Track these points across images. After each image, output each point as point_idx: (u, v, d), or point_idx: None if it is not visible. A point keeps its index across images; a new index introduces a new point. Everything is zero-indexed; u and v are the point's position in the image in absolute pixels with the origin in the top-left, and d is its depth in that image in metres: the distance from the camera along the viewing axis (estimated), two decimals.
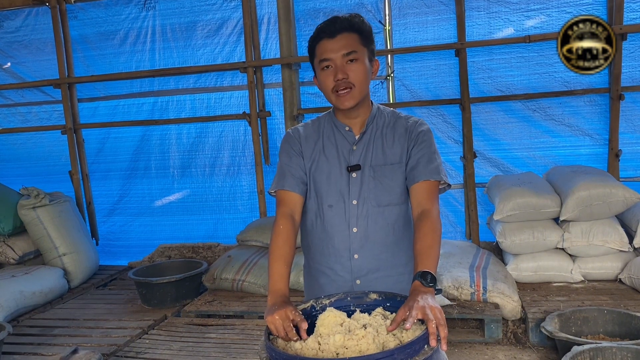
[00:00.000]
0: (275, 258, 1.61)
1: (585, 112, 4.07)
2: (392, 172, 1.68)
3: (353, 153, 1.71)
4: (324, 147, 1.73)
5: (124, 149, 4.98)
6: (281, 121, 4.52)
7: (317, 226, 1.73)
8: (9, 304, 3.61)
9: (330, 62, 1.62)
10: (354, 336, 1.33)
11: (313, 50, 1.68)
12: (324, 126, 1.77)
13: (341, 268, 1.71)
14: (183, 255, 4.75)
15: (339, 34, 1.61)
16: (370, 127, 1.72)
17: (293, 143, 1.76)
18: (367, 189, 1.68)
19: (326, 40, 1.62)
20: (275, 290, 1.54)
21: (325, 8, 4.37)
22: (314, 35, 1.66)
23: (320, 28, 1.65)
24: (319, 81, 1.69)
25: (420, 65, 4.27)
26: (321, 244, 1.73)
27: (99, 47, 4.90)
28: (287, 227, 1.65)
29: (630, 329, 2.90)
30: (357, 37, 1.63)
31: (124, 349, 3.15)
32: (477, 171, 4.23)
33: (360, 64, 1.62)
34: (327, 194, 1.70)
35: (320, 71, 1.66)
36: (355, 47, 1.61)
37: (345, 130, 1.73)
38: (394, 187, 1.69)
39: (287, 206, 1.70)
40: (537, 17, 4.02)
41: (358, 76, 1.62)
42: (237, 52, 4.59)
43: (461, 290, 3.38)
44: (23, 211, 4.29)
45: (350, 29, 1.62)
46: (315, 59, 1.68)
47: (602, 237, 3.54)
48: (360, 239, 1.68)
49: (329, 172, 1.71)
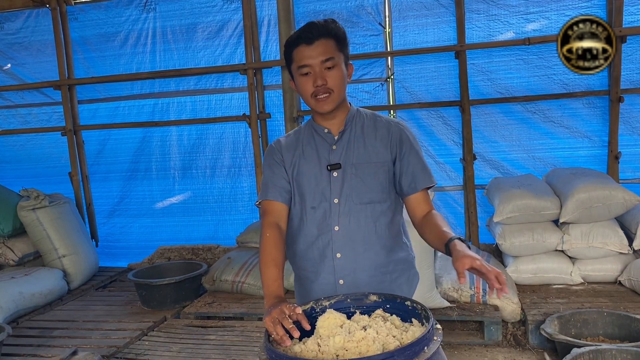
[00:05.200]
0: (266, 263, 1.62)
1: (584, 114, 4.08)
2: (375, 170, 1.71)
3: (333, 152, 1.74)
4: (304, 151, 1.77)
5: (124, 151, 4.98)
6: (281, 123, 4.52)
7: (301, 230, 1.75)
8: (8, 305, 3.61)
9: (309, 68, 1.66)
10: (354, 338, 1.33)
11: (290, 55, 1.70)
12: (304, 133, 1.81)
13: (324, 269, 1.72)
14: (183, 257, 4.75)
15: (316, 40, 1.64)
16: (349, 126, 1.75)
17: (274, 154, 1.80)
18: (348, 186, 1.70)
19: (304, 47, 1.65)
20: (269, 293, 1.55)
21: (325, 10, 4.39)
22: (291, 41, 1.69)
23: (298, 34, 1.68)
24: (298, 86, 1.72)
25: (420, 68, 4.27)
26: (305, 247, 1.75)
27: (99, 48, 4.91)
28: (273, 234, 1.67)
29: (629, 331, 2.90)
30: (333, 43, 1.66)
31: (124, 351, 3.15)
32: (476, 173, 4.24)
33: (338, 69, 1.67)
34: (310, 196, 1.73)
35: (299, 76, 1.69)
36: (333, 53, 1.65)
37: (324, 132, 1.76)
38: (376, 184, 1.71)
39: (272, 215, 1.73)
40: (536, 19, 4.03)
41: (336, 82, 1.66)
42: (238, 54, 4.60)
43: (461, 292, 3.38)
44: (23, 212, 4.29)
45: (327, 35, 1.66)
46: (293, 64, 1.70)
47: (601, 239, 3.54)
48: (342, 237, 1.69)
49: (310, 174, 1.73)
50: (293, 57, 1.69)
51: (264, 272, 1.62)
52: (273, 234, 1.68)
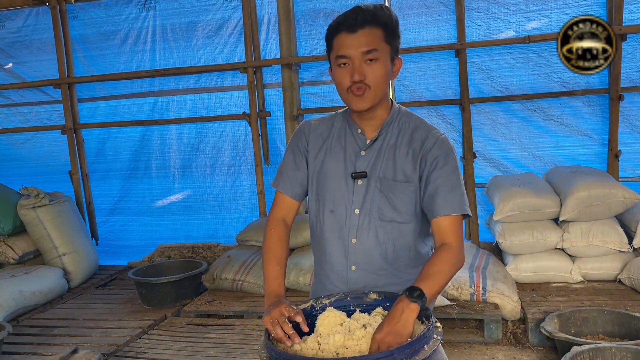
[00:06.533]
0: (269, 260, 1.61)
1: (584, 112, 4.08)
2: (401, 190, 1.56)
3: (361, 159, 1.59)
4: (332, 147, 1.63)
5: (124, 149, 4.98)
6: (281, 121, 4.52)
7: (317, 230, 1.66)
8: (8, 303, 3.61)
9: (348, 59, 1.48)
10: (354, 336, 1.34)
11: (330, 42, 1.53)
12: (337, 125, 1.66)
13: (337, 278, 1.63)
14: (183, 255, 4.75)
15: (360, 29, 1.45)
16: (384, 133, 1.60)
17: (301, 140, 1.67)
18: (370, 200, 1.57)
19: (345, 35, 1.47)
20: (270, 292, 1.54)
21: (325, 8, 4.38)
22: (333, 25, 1.51)
23: (340, 19, 1.49)
24: (334, 77, 1.55)
25: (420, 66, 4.27)
26: (320, 249, 1.67)
27: (99, 47, 4.90)
28: (277, 231, 1.65)
29: (629, 330, 2.90)
30: (380, 33, 1.47)
31: (124, 349, 3.15)
32: (476, 171, 4.23)
33: (381, 64, 1.48)
34: (329, 199, 1.61)
35: (336, 67, 1.52)
36: (377, 44, 1.47)
37: (357, 133, 1.61)
38: (399, 204, 1.56)
39: (280, 210, 1.69)
40: (536, 18, 4.02)
41: (376, 78, 1.48)
42: (237, 52, 4.59)
43: (461, 291, 3.38)
44: (23, 211, 4.29)
45: (374, 22, 1.46)
46: (332, 52, 1.53)
47: (601, 238, 3.54)
48: (358, 251, 1.59)
49: (333, 175, 1.61)
50: (333, 45, 1.52)
51: (265, 268, 1.60)
52: (278, 230, 1.65)
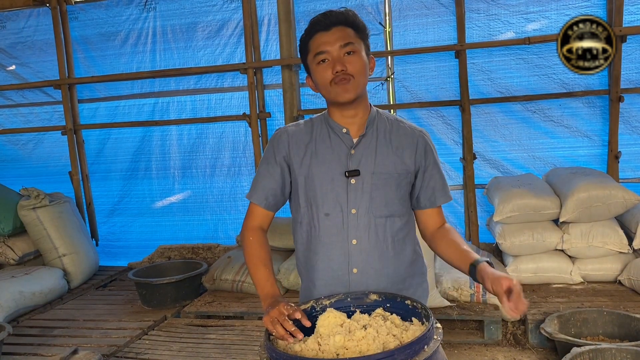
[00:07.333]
0: (254, 264, 1.59)
1: (584, 113, 4.08)
2: (398, 182, 1.60)
3: (351, 157, 1.58)
4: (317, 150, 1.61)
5: (124, 150, 4.98)
6: (281, 122, 4.53)
7: (312, 238, 1.61)
8: (8, 304, 3.61)
9: (327, 54, 1.53)
10: (354, 337, 1.34)
11: (306, 47, 1.58)
12: (317, 128, 1.64)
13: (338, 283, 1.60)
14: (183, 256, 4.75)
15: (334, 27, 1.53)
16: (370, 130, 1.61)
17: (278, 148, 1.64)
18: (367, 197, 1.57)
19: (321, 34, 1.54)
20: (265, 294, 1.53)
21: (325, 9, 4.30)
22: (307, 30, 1.58)
23: (313, 22, 1.56)
24: (315, 77, 1.57)
25: (420, 67, 4.27)
26: (316, 257, 1.61)
27: (99, 48, 4.91)
28: (256, 237, 1.64)
29: (629, 331, 2.90)
30: (352, 31, 1.55)
31: (124, 350, 3.15)
32: (476, 172, 4.23)
33: (359, 56, 1.53)
34: (323, 202, 1.58)
35: (315, 67, 1.55)
36: (352, 39, 1.53)
37: (342, 133, 1.60)
38: (397, 197, 1.60)
39: (255, 220, 1.67)
40: (536, 19, 4.03)
41: (357, 68, 1.52)
42: (238, 53, 4.60)
43: (461, 292, 3.38)
44: (23, 212, 4.30)
45: (344, 22, 1.55)
46: (309, 55, 1.57)
47: (601, 239, 3.55)
48: (359, 252, 1.57)
49: (324, 177, 1.58)
50: (309, 46, 1.56)
51: (254, 274, 1.58)
52: (256, 237, 1.64)
